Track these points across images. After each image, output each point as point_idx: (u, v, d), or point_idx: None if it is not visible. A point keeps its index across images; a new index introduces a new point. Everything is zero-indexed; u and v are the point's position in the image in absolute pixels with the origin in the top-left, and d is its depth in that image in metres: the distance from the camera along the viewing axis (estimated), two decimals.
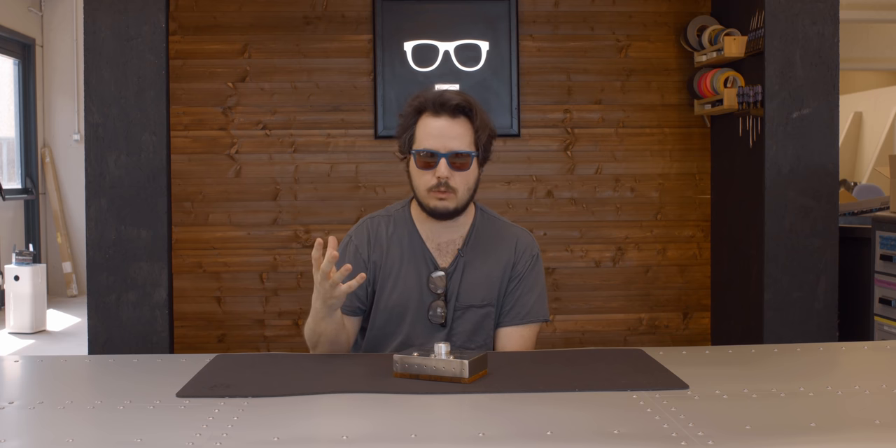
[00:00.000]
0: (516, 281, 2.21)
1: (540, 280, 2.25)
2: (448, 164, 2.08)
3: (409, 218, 2.22)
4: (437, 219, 2.16)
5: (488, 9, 4.09)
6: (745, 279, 3.79)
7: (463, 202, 2.14)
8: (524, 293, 2.21)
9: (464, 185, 2.11)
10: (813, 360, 2.03)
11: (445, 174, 2.08)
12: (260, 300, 4.09)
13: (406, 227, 2.22)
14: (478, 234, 2.22)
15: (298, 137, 4.08)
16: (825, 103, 3.57)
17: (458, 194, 2.11)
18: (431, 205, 2.12)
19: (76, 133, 7.98)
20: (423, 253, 2.19)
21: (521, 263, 2.22)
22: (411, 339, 2.19)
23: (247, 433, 1.43)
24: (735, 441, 1.38)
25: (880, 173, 7.74)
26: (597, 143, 4.16)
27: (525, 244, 2.25)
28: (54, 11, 8.04)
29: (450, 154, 2.08)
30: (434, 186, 2.10)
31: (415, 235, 2.21)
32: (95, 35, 3.46)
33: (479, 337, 2.20)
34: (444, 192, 2.10)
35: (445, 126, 2.09)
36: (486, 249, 2.21)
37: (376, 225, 2.23)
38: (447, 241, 2.20)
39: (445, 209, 2.12)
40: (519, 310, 2.21)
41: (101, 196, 3.46)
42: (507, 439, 1.41)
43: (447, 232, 2.20)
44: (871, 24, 8.58)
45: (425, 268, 2.19)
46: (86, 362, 2.16)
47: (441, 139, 2.09)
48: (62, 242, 7.91)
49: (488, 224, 2.25)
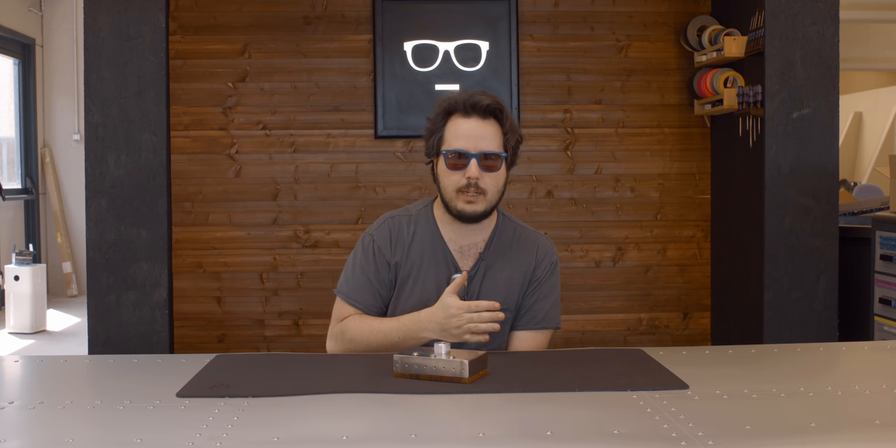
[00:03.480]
0: (534, 286, 2.21)
1: (556, 287, 2.25)
2: (479, 165, 2.08)
3: (431, 219, 2.21)
4: (464, 222, 2.14)
5: (488, 9, 4.09)
6: (745, 279, 3.79)
7: (492, 205, 2.13)
8: (540, 299, 2.21)
9: (494, 186, 2.11)
10: (813, 360, 2.03)
11: (476, 174, 2.07)
12: (260, 300, 4.09)
13: (429, 227, 2.20)
14: (500, 239, 2.21)
15: (298, 137, 4.08)
16: (825, 103, 3.57)
17: (488, 196, 2.11)
18: (459, 207, 2.11)
19: (76, 133, 7.98)
20: (444, 255, 2.18)
21: (540, 269, 2.22)
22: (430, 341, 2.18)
23: (247, 433, 1.43)
24: (735, 441, 1.38)
25: (880, 173, 7.74)
26: (597, 143, 4.16)
27: (545, 250, 2.24)
28: (54, 11, 8.04)
29: (480, 154, 2.08)
30: (464, 187, 2.09)
31: (437, 237, 2.19)
32: (95, 35, 3.46)
33: (494, 342, 2.18)
34: (473, 195, 2.09)
35: (476, 127, 2.09)
36: (508, 254, 2.21)
37: (398, 224, 2.21)
38: (469, 245, 2.19)
39: (474, 212, 2.11)
40: (534, 314, 2.20)
41: (101, 196, 3.46)
42: (507, 439, 1.41)
43: (470, 235, 2.19)
44: (871, 24, 8.59)
45: (446, 270, 2.18)
46: (86, 362, 2.15)
47: (472, 140, 2.08)
48: (62, 242, 7.91)
49: (510, 229, 2.24)
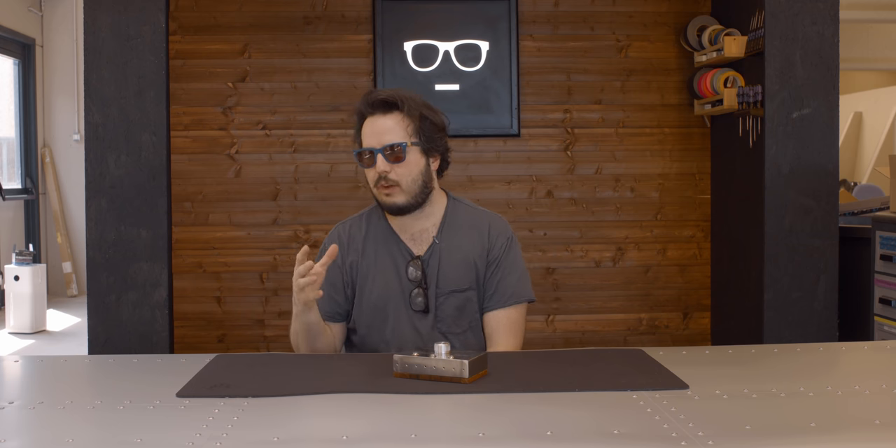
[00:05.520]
0: (494, 266, 2.23)
1: (518, 261, 2.26)
2: (385, 158, 2.13)
3: (381, 215, 2.26)
4: (396, 214, 2.19)
5: (488, 9, 4.09)
6: (745, 279, 3.79)
7: (412, 195, 2.16)
8: (504, 276, 2.23)
9: (406, 176, 2.14)
10: (813, 360, 2.03)
11: (383, 168, 2.13)
12: (260, 300, 4.09)
13: (380, 223, 2.26)
14: (451, 221, 2.24)
15: (298, 137, 4.08)
16: (825, 103, 3.57)
17: (403, 186, 2.14)
18: (382, 201, 2.17)
19: (76, 133, 7.98)
20: (397, 245, 2.23)
21: (496, 248, 2.24)
22: (398, 329, 2.21)
23: (247, 433, 1.43)
24: (735, 441, 1.38)
25: (880, 173, 7.74)
26: (597, 143, 4.16)
27: (498, 229, 2.26)
28: (54, 11, 8.04)
29: (383, 148, 2.13)
30: (377, 181, 2.14)
31: (388, 230, 2.24)
32: (95, 35, 3.46)
33: (464, 320, 2.22)
34: (388, 187, 2.14)
35: (378, 122, 2.15)
36: (461, 235, 2.24)
37: (348, 228, 2.28)
38: (420, 230, 2.23)
39: (394, 204, 2.15)
40: (502, 292, 2.22)
41: (101, 196, 3.46)
42: (507, 439, 1.41)
43: (418, 222, 2.23)
44: (871, 24, 8.58)
45: (402, 258, 2.22)
46: (86, 362, 2.15)
47: (375, 136, 2.14)
48: (62, 242, 7.91)
49: (460, 211, 2.27)
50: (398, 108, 2.15)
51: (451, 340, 2.17)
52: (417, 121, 2.16)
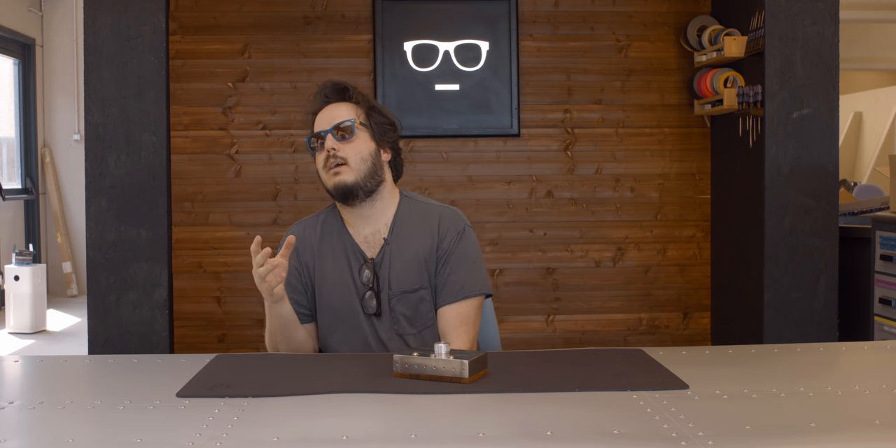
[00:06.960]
0: (444, 259, 2.18)
1: (470, 253, 2.20)
2: (333, 137, 2.14)
3: (337, 215, 2.25)
4: (345, 201, 2.16)
5: (488, 9, 4.09)
6: (745, 279, 3.79)
7: (361, 175, 2.14)
8: (454, 270, 2.18)
9: (355, 154, 2.14)
10: (813, 360, 2.03)
11: (332, 145, 2.14)
12: (260, 300, 4.04)
13: (335, 224, 2.24)
14: (401, 221, 2.22)
15: (298, 137, 4.08)
16: (825, 103, 3.57)
17: (351, 164, 2.14)
18: (330, 183, 2.15)
19: (76, 133, 7.97)
20: (352, 247, 2.21)
21: (445, 241, 2.19)
22: (357, 331, 2.19)
23: (247, 433, 1.43)
24: (735, 441, 1.38)
25: (880, 173, 7.74)
26: (597, 143, 4.16)
27: (448, 222, 2.21)
28: (54, 11, 8.03)
29: (333, 127, 2.15)
30: (325, 162, 2.14)
31: (343, 232, 2.23)
32: (95, 35, 3.46)
33: (419, 322, 2.19)
34: (336, 167, 2.13)
35: (329, 109, 2.20)
36: (411, 233, 2.20)
37: (303, 228, 2.27)
38: (372, 232, 2.21)
39: (343, 183, 2.13)
40: (451, 287, 2.17)
41: (101, 196, 3.46)
42: (507, 439, 1.41)
43: (371, 223, 2.21)
44: (871, 24, 8.58)
45: (356, 261, 2.20)
46: (86, 362, 2.16)
47: (326, 120, 2.18)
48: (62, 242, 7.91)
49: (412, 208, 2.24)
50: (350, 95, 2.21)
51: (407, 341, 2.16)
52: (367, 109, 2.20)
